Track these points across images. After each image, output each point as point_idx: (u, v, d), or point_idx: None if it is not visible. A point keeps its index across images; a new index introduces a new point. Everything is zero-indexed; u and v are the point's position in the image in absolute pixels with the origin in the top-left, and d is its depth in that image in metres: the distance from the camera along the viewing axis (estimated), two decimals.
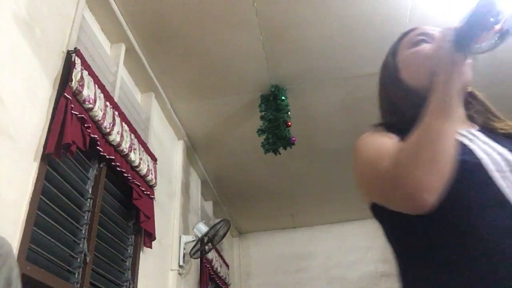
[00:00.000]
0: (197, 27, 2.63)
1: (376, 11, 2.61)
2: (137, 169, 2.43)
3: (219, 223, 3.40)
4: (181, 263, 3.09)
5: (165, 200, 3.06)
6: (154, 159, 2.71)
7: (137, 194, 2.42)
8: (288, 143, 3.05)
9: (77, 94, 1.85)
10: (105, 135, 2.11)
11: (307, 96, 3.23)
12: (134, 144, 2.40)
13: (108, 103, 2.13)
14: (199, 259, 3.53)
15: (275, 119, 3.01)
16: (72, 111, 1.79)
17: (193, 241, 3.24)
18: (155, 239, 2.59)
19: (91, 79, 1.99)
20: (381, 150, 0.83)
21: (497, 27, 0.76)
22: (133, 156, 2.36)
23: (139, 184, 2.45)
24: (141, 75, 2.87)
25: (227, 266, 4.50)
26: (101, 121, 2.03)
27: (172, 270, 3.01)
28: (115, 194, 2.39)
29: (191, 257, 3.25)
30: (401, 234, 0.86)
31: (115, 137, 2.16)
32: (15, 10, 1.64)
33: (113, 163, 2.19)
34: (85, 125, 1.90)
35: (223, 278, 4.21)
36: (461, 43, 0.78)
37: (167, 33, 2.66)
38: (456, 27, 0.80)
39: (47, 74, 1.78)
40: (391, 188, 0.75)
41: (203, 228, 3.26)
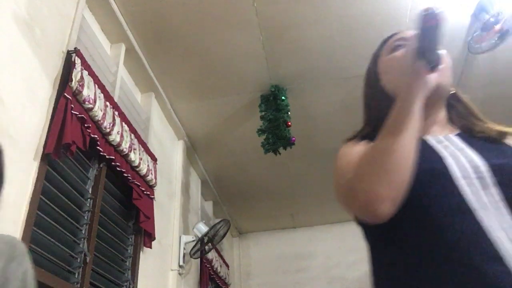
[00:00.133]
0: (197, 27, 2.63)
1: (376, 11, 2.61)
2: (137, 169, 2.43)
3: (219, 223, 3.40)
4: (181, 263, 3.09)
5: (165, 200, 3.06)
6: (154, 159, 2.71)
7: (137, 194, 2.42)
8: (288, 143, 3.05)
9: (77, 94, 1.85)
10: (105, 135, 2.11)
11: (307, 96, 3.23)
12: (134, 144, 2.40)
13: (108, 103, 2.13)
14: (199, 259, 3.53)
15: (275, 119, 3.01)
16: (72, 111, 1.79)
17: (193, 241, 3.24)
18: (155, 239, 2.59)
19: (91, 79, 1.99)
20: (351, 161, 0.85)
21: (497, 27, 0.76)
22: (133, 156, 2.36)
23: (139, 184, 2.45)
24: (141, 75, 2.87)
25: (227, 266, 4.50)
26: (101, 121, 2.03)
27: (172, 270, 3.01)
28: (115, 194, 2.39)
29: (191, 257, 3.25)
30: (372, 240, 0.89)
31: (115, 137, 2.16)
32: (15, 10, 1.64)
33: (113, 163, 2.19)
34: (85, 125, 1.90)
35: (223, 278, 4.21)
36: (420, 50, 0.78)
37: (167, 33, 2.67)
38: (416, 33, 0.79)
39: (47, 74, 1.78)
40: (351, 198, 0.79)
41: (203, 228, 3.26)
